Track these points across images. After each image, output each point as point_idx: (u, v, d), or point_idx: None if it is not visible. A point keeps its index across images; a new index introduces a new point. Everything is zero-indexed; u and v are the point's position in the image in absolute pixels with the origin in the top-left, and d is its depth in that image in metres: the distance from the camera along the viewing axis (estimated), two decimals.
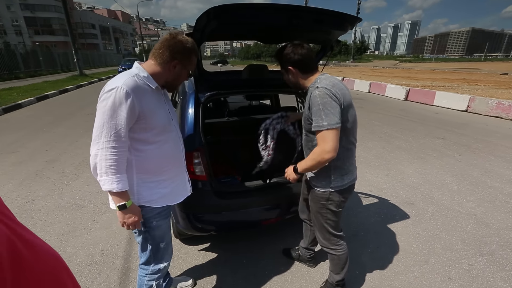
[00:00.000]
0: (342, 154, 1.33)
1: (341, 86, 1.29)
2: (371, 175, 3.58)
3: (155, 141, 1.15)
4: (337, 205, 1.45)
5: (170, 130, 1.22)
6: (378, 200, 2.94)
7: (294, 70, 1.34)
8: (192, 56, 1.16)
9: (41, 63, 20.11)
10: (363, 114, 7.45)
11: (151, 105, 1.11)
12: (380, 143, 4.93)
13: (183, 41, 1.11)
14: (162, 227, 1.29)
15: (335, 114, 1.18)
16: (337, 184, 1.40)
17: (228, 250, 2.16)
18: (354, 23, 1.50)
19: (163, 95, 1.24)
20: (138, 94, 1.05)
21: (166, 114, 1.21)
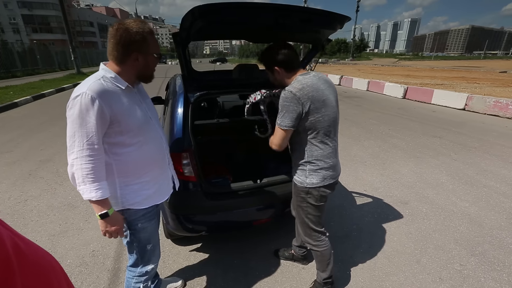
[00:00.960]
0: (314, 152, 1.39)
1: (313, 88, 1.31)
2: (366, 174, 3.57)
3: (133, 143, 1.12)
4: (316, 199, 1.46)
5: (149, 130, 1.18)
6: (372, 200, 2.94)
7: (279, 69, 1.37)
8: (148, 37, 1.04)
9: (39, 61, 19.99)
10: (360, 112, 7.43)
11: (123, 107, 1.06)
12: (376, 142, 4.92)
13: (128, 28, 1.00)
14: (148, 229, 1.27)
15: (288, 117, 1.29)
16: (312, 181, 1.42)
17: (219, 251, 2.15)
18: (343, 22, 1.48)
19: (138, 93, 1.18)
20: (105, 97, 1.00)
21: (143, 114, 1.15)
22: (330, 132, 1.40)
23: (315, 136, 1.36)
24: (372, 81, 12.04)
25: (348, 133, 5.45)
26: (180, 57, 1.54)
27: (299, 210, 1.55)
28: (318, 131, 1.35)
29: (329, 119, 1.36)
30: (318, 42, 1.82)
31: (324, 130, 1.36)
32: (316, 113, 1.31)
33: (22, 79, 14.44)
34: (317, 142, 1.38)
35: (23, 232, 2.38)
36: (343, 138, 5.10)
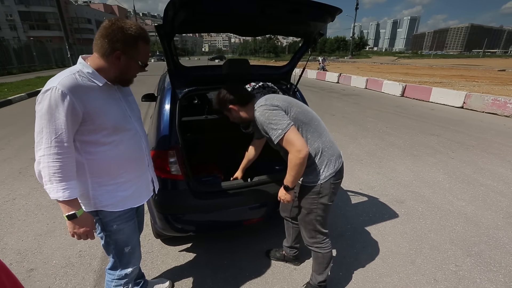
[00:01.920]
0: (314, 144, 1.38)
1: (279, 96, 1.39)
2: (362, 173, 3.52)
3: (108, 142, 1.05)
4: (329, 197, 1.45)
5: (127, 129, 1.11)
6: (367, 199, 2.89)
7: (235, 107, 1.44)
8: (139, 44, 1.01)
9: (35, 58, 19.84)
10: (358, 110, 7.38)
11: (98, 104, 1.00)
12: (373, 140, 4.87)
13: (124, 28, 0.95)
14: (125, 231, 1.21)
15: (282, 118, 1.28)
16: (326, 174, 1.40)
17: (209, 250, 2.10)
18: (334, 14, 1.42)
19: (118, 91, 1.12)
20: (78, 93, 0.94)
21: (121, 112, 1.10)
22: (313, 119, 1.41)
23: (306, 129, 1.36)
24: (370, 79, 11.98)
25: (345, 131, 5.40)
26: (165, 51, 1.48)
27: (309, 213, 1.50)
28: (304, 123, 1.36)
29: (304, 109, 1.40)
30: (310, 36, 1.76)
31: (307, 119, 1.37)
32: (292, 107, 1.35)
33: (18, 76, 14.31)
34: (310, 134, 1.37)
35: (9, 231, 2.33)
36: (340, 136, 5.05)
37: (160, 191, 1.69)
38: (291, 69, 2.10)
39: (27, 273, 1.88)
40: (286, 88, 2.10)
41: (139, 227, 1.48)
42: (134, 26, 0.98)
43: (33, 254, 2.06)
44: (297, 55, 1.98)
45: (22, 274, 1.88)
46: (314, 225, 1.53)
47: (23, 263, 1.97)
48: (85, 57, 1.04)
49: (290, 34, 1.86)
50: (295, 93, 2.10)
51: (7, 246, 2.16)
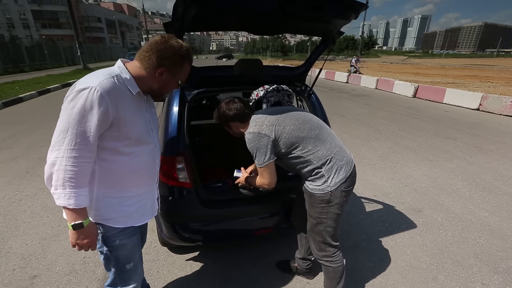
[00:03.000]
0: (319, 153, 1.33)
1: (266, 115, 1.37)
2: (375, 178, 3.37)
3: (127, 153, 1.00)
4: (339, 206, 1.36)
5: (148, 143, 1.07)
6: (382, 207, 2.75)
7: (234, 123, 1.43)
8: (185, 65, 1.02)
9: (46, 56, 20.16)
10: (369, 111, 7.18)
11: (128, 112, 0.96)
12: (386, 143, 4.70)
13: (175, 47, 0.96)
14: (128, 246, 1.12)
15: (262, 153, 1.30)
16: (336, 180, 1.33)
17: (218, 260, 2.00)
18: (359, 10, 1.29)
19: (145, 102, 1.08)
20: (114, 98, 0.90)
21: (145, 124, 1.06)
22: (312, 129, 1.35)
23: (305, 142, 1.32)
24: (381, 79, 11.71)
25: (356, 133, 5.23)
26: None
27: (318, 223, 1.41)
28: (301, 137, 1.32)
29: (300, 121, 1.35)
30: (329, 35, 1.63)
31: (304, 132, 1.33)
32: (285, 127, 1.32)
33: (30, 74, 14.54)
34: (312, 145, 1.33)
35: (14, 234, 2.28)
36: (351, 139, 4.90)
37: (166, 199, 1.62)
38: (307, 70, 1.98)
39: (30, 280, 1.83)
40: (301, 90, 1.98)
41: (141, 239, 1.40)
42: (185, 47, 0.99)
43: (37, 259, 2.01)
44: (313, 55, 1.86)
45: (25, 281, 1.82)
46: (324, 237, 1.44)
47: (26, 269, 1.92)
48: (124, 61, 1.00)
49: (309, 32, 1.75)
50: (310, 96, 1.98)
51: (11, 250, 2.11)
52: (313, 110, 1.93)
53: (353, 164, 1.41)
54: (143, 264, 1.28)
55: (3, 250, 2.10)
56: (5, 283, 1.81)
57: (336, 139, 1.41)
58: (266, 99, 1.70)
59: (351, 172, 1.37)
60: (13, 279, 1.84)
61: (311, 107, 1.94)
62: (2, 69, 15.07)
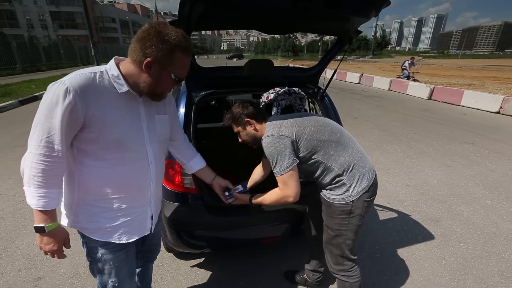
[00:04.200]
0: (340, 159, 1.23)
1: (288, 121, 1.25)
2: (390, 184, 3.22)
3: (105, 158, 0.90)
4: (360, 217, 1.27)
5: (132, 150, 0.94)
6: (397, 215, 2.61)
7: (252, 120, 1.33)
8: (176, 54, 0.84)
9: (62, 56, 20.75)
10: (382, 114, 6.97)
11: (107, 112, 0.86)
12: (400, 147, 4.52)
13: (162, 33, 0.81)
14: (111, 262, 1.02)
15: (284, 156, 1.18)
16: (358, 189, 1.23)
17: (223, 268, 1.93)
18: (380, 7, 1.19)
19: (143, 104, 0.96)
20: (86, 94, 0.81)
21: (134, 129, 0.93)
22: (332, 133, 1.26)
23: (326, 146, 1.22)
24: (394, 80, 11.39)
25: (369, 136, 5.06)
26: None
27: (337, 236, 1.32)
28: (322, 140, 1.22)
29: (320, 124, 1.26)
30: (346, 34, 1.53)
31: (325, 135, 1.23)
32: (305, 129, 1.22)
33: (46, 73, 14.99)
34: (333, 149, 1.23)
35: (21, 234, 2.28)
36: (364, 142, 4.74)
37: (171, 205, 1.56)
38: (320, 72, 1.88)
39: (35, 282, 1.81)
40: (313, 93, 1.89)
41: (145, 255, 1.32)
42: (175, 32, 0.83)
43: (42, 260, 1.99)
44: (328, 56, 1.76)
45: (29, 282, 1.80)
46: (342, 250, 1.34)
47: (31, 270, 1.90)
48: (119, 59, 0.93)
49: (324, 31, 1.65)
50: (323, 98, 1.88)
51: (18, 250, 2.11)
52: (326, 113, 1.83)
53: (375, 172, 1.31)
54: (135, 279, 1.20)
55: (10, 250, 2.10)
56: (9, 284, 1.79)
57: (357, 144, 1.32)
58: (276, 102, 1.62)
59: (373, 181, 1.27)
60: (18, 280, 1.83)
61: (324, 110, 1.84)
62: (21, 68, 15.60)
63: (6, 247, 2.13)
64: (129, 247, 1.07)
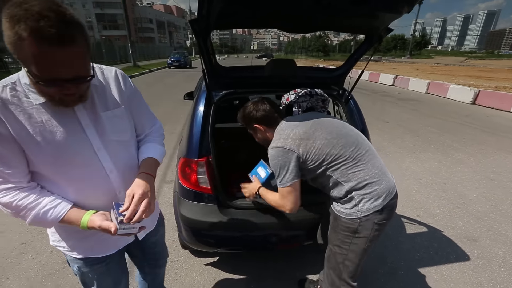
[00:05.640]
0: (358, 174, 1.12)
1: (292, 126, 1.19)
2: (420, 195, 2.98)
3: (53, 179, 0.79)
4: (367, 240, 1.15)
5: (82, 165, 0.79)
6: (427, 230, 2.39)
7: (260, 127, 1.29)
8: (24, 40, 0.56)
9: (104, 55, 22.39)
10: (417, 118, 6.49)
11: (28, 128, 0.71)
12: (435, 155, 4.16)
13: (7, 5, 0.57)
14: (91, 274, 0.97)
15: (286, 171, 1.14)
16: (366, 206, 1.12)
17: (236, 270, 1.91)
18: (412, 3, 1.07)
19: (83, 105, 0.77)
20: (2, 110, 0.68)
21: (74, 140, 0.77)
22: (347, 145, 1.14)
23: (338, 162, 1.12)
24: (433, 82, 10.56)
25: (399, 142, 4.74)
26: (201, 49, 1.32)
27: (336, 253, 1.22)
28: (333, 155, 1.12)
29: (333, 136, 1.15)
30: (374, 32, 1.41)
31: (337, 148, 1.12)
32: (315, 141, 1.13)
33: None
34: (344, 165, 1.12)
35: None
36: (393, 147, 4.45)
37: (186, 203, 1.57)
38: (346, 72, 1.78)
39: (62, 264, 1.95)
40: (338, 95, 1.79)
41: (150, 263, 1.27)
42: (26, 4, 0.55)
43: None
44: (354, 56, 1.65)
45: (58, 264, 1.95)
46: (339, 271, 1.23)
47: (61, 254, 2.04)
48: None
49: (350, 29, 1.55)
50: (348, 101, 1.77)
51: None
52: (351, 117, 1.73)
53: (395, 192, 1.18)
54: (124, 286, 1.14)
55: (45, 233, 2.29)
56: (42, 264, 1.95)
57: (377, 158, 1.19)
58: (297, 104, 1.55)
59: (390, 202, 1.14)
60: (49, 261, 1.98)
61: (348, 114, 1.74)
62: None
63: (42, 230, 2.32)
64: (110, 259, 0.99)
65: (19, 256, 2.03)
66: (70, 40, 0.59)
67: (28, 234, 2.27)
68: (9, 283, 1.79)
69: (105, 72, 0.86)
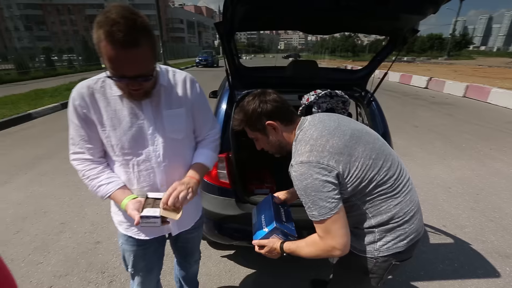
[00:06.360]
0: (392, 208, 0.88)
1: (325, 135, 0.86)
2: (448, 205, 2.81)
3: (114, 159, 0.94)
4: (379, 280, 0.97)
5: (136, 154, 0.92)
6: (452, 241, 2.27)
7: (274, 123, 0.94)
8: (101, 41, 0.68)
9: None
10: (451, 123, 6.09)
11: (104, 116, 0.87)
12: (469, 163, 3.89)
13: (99, 14, 0.70)
14: (129, 253, 1.09)
15: (325, 197, 0.80)
16: (386, 246, 0.90)
17: (251, 264, 1.97)
18: (439, 3, 1.04)
19: (150, 102, 0.89)
20: (86, 99, 0.85)
21: (134, 132, 0.89)
22: (395, 166, 0.90)
23: (380, 189, 0.86)
24: (472, 86, 9.79)
25: (429, 148, 4.49)
26: (225, 50, 1.39)
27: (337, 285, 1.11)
28: (380, 179, 0.85)
29: (380, 151, 0.88)
30: (398, 34, 1.38)
31: (386, 171, 0.86)
32: (357, 159, 0.84)
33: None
34: (389, 195, 0.87)
35: (90, 203, 2.70)
36: (422, 153, 4.23)
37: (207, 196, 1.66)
38: (369, 74, 1.75)
39: (94, 244, 2.14)
40: (360, 96, 1.77)
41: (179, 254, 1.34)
42: (104, 14, 0.67)
43: (102, 228, 2.34)
44: (378, 57, 1.62)
45: (91, 244, 2.14)
46: None
47: (93, 235, 2.25)
48: None
49: (372, 31, 1.53)
50: (370, 103, 1.75)
51: (86, 216, 2.52)
52: (373, 119, 1.70)
53: (422, 231, 0.97)
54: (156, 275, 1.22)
55: (81, 215, 2.53)
56: (77, 243, 2.16)
57: (414, 188, 0.96)
58: (317, 105, 1.56)
59: (417, 243, 0.96)
60: (83, 240, 2.19)
61: (370, 116, 1.71)
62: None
63: (78, 213, 2.56)
64: (149, 245, 1.08)
65: (59, 234, 2.27)
66: (134, 44, 0.69)
67: (67, 216, 2.52)
68: (50, 257, 2.01)
69: (176, 75, 0.96)
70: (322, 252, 0.86)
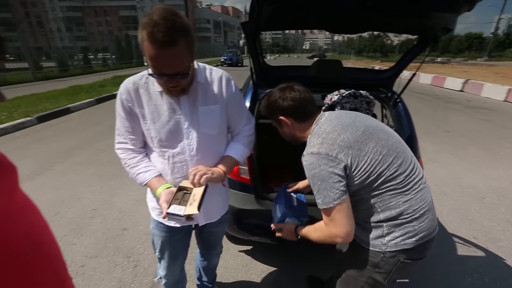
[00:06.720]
0: (401, 204, 0.90)
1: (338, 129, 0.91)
2: (481, 216, 2.63)
3: (153, 149, 1.02)
4: (386, 276, 0.97)
5: (172, 146, 0.98)
6: (484, 254, 2.12)
7: (287, 120, 1.03)
8: (144, 41, 0.75)
9: None
10: (488, 129, 5.65)
11: (145, 110, 0.95)
12: (508, 173, 3.60)
13: (145, 16, 0.76)
14: (158, 238, 1.16)
15: (331, 187, 0.86)
16: (394, 241, 0.91)
17: (268, 260, 2.00)
18: (474, 0, 0.98)
19: (187, 97, 0.95)
20: (131, 94, 0.94)
21: (172, 125, 0.96)
22: (407, 163, 0.91)
23: (389, 184, 0.89)
24: None
25: (461, 154, 4.21)
26: (250, 49, 1.42)
27: (350, 284, 1.09)
28: (390, 174, 0.88)
29: (394, 149, 0.91)
30: (429, 32, 1.33)
31: (396, 167, 0.88)
32: (367, 153, 0.87)
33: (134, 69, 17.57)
34: (399, 191, 0.89)
35: (119, 193, 2.88)
36: (453, 159, 3.98)
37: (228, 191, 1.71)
38: (396, 74, 1.69)
39: (121, 231, 2.29)
40: (386, 97, 1.72)
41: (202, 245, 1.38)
42: (152, 14, 0.73)
43: (129, 216, 2.49)
44: (406, 57, 1.57)
45: (118, 231, 2.29)
46: None
47: (121, 222, 2.41)
48: None
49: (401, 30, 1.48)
50: (396, 104, 1.69)
51: (115, 204, 2.69)
52: (398, 121, 1.65)
53: (435, 234, 0.97)
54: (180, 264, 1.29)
55: (110, 203, 2.71)
56: (106, 228, 2.33)
57: (427, 188, 0.97)
58: (340, 105, 1.55)
59: (426, 242, 0.94)
60: (112, 226, 2.35)
61: (396, 118, 1.66)
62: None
63: (108, 200, 2.75)
64: (176, 233, 1.14)
65: (91, 219, 2.45)
66: (172, 43, 0.74)
67: (98, 203, 2.71)
68: (82, 239, 2.19)
69: (213, 73, 1.02)
70: (327, 238, 0.93)
